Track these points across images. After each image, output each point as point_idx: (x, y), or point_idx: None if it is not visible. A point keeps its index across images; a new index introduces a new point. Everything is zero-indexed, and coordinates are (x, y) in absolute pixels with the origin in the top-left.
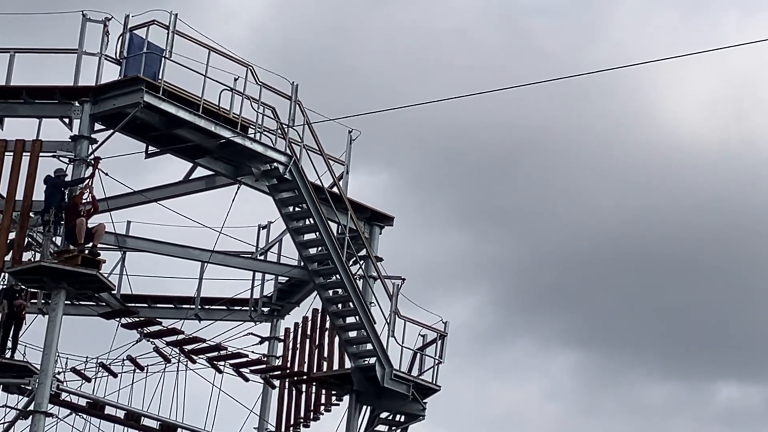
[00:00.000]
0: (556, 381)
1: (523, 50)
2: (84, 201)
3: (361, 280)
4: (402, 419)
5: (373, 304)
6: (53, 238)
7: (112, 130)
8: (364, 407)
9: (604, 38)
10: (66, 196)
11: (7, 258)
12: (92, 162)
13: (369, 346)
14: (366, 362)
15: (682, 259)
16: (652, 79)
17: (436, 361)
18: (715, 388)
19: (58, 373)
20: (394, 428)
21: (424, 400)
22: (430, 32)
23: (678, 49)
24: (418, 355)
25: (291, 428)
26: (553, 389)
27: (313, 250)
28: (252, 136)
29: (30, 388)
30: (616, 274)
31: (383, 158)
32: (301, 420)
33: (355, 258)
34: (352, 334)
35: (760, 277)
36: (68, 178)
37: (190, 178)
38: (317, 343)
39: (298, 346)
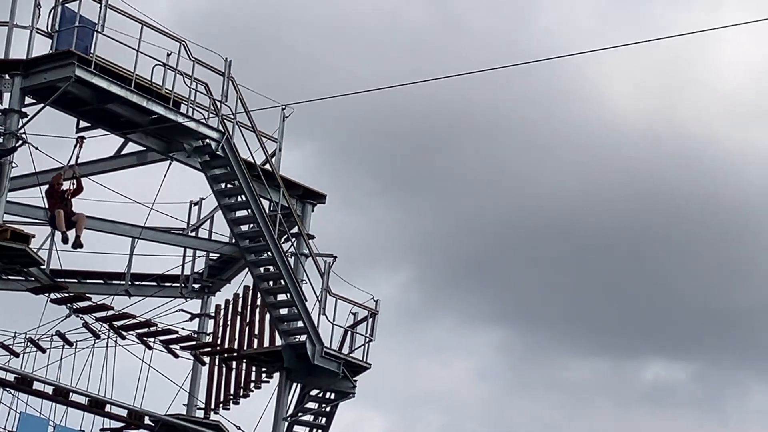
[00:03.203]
0: (483, 358)
1: (454, 29)
2: (63, 181)
3: (293, 258)
4: (332, 397)
5: (304, 282)
6: None
7: (42, 104)
8: (295, 384)
9: (536, 17)
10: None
11: None
12: (77, 140)
13: (300, 324)
14: (297, 340)
15: (608, 236)
16: (583, 58)
17: (367, 339)
18: (641, 366)
19: None
20: (323, 406)
21: (355, 378)
22: (361, 10)
23: (608, 29)
24: (349, 332)
25: (220, 405)
26: (480, 367)
27: (244, 227)
28: (184, 112)
29: None
30: (543, 251)
31: (315, 135)
32: (231, 397)
33: (286, 235)
34: (283, 311)
35: (686, 256)
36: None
37: (122, 153)
38: (248, 320)
39: (229, 323)
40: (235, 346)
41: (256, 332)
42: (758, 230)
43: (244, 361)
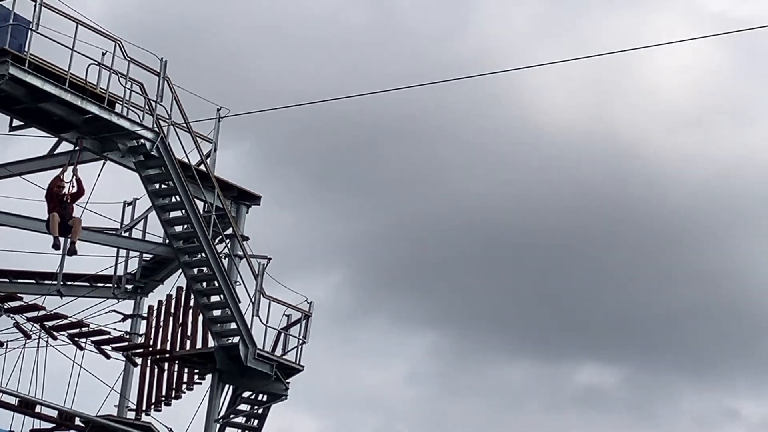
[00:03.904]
0: (414, 361)
1: (392, 31)
2: (63, 184)
3: (227, 259)
4: (264, 399)
5: (238, 283)
6: None
7: None
8: (227, 386)
9: (474, 20)
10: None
11: None
12: (76, 141)
13: (233, 325)
14: (229, 341)
15: (541, 240)
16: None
17: (300, 341)
18: (572, 369)
19: None
20: (256, 408)
21: (287, 380)
22: (299, 10)
23: (544, 33)
24: (282, 334)
25: (152, 406)
26: (412, 369)
27: (178, 228)
28: (119, 111)
29: None
30: (475, 254)
31: (250, 136)
32: (163, 398)
33: (221, 237)
34: (217, 312)
35: (617, 260)
36: None
37: (55, 152)
38: (181, 321)
39: (162, 324)
40: (168, 348)
41: (189, 334)
42: (688, 235)
43: (177, 362)
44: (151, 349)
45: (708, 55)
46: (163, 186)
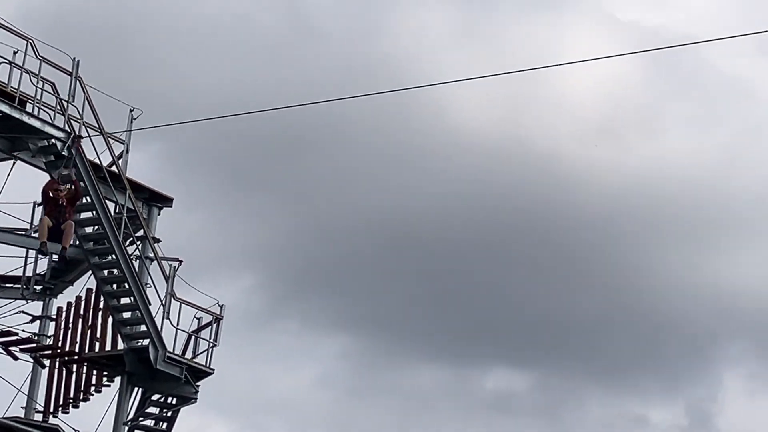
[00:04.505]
0: (325, 364)
1: (306, 32)
2: (60, 188)
3: (138, 261)
4: (174, 402)
5: (148, 286)
6: None
7: None
8: (136, 389)
9: (389, 22)
10: None
11: None
12: (73, 140)
13: (143, 328)
14: (139, 344)
15: (453, 246)
16: (435, 69)
17: (211, 344)
18: (482, 374)
19: None
20: (165, 411)
21: (197, 383)
22: (213, 11)
23: (459, 38)
24: (193, 337)
25: (60, 408)
26: (323, 373)
27: (89, 229)
28: (30, 111)
29: None
30: (386, 259)
31: (163, 137)
32: (71, 400)
33: (132, 238)
34: (127, 315)
35: (528, 267)
36: None
37: None
38: (90, 323)
39: (71, 325)
40: (77, 349)
41: (98, 335)
42: (599, 243)
43: (85, 364)
44: (59, 350)
45: (620, 66)
46: None
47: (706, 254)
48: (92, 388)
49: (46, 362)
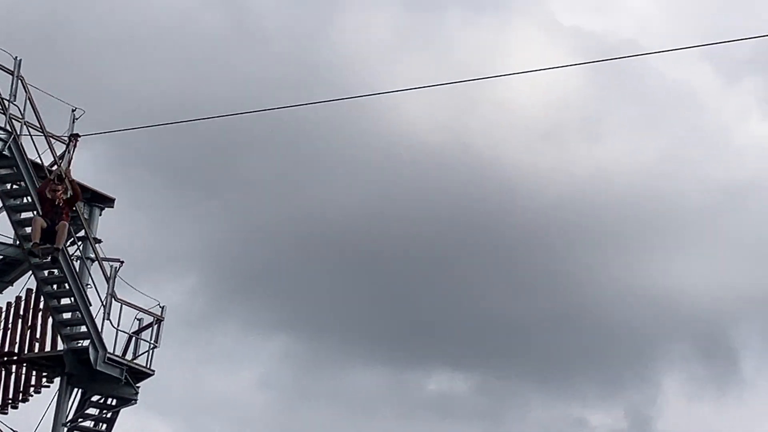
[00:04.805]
0: (267, 366)
1: (249, 33)
2: (58, 188)
3: (79, 262)
4: (113, 403)
5: (89, 286)
6: None
7: None
8: (76, 390)
9: (333, 24)
10: None
11: None
12: (70, 139)
13: (83, 329)
14: (79, 344)
15: (395, 247)
16: (380, 73)
17: (151, 345)
18: (424, 376)
19: None
20: (105, 412)
21: (137, 384)
22: (157, 11)
23: (402, 41)
24: (133, 338)
25: None
26: (265, 375)
27: (29, 229)
28: None
29: None
30: (329, 260)
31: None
32: (10, 401)
33: (73, 239)
34: (67, 315)
35: (470, 269)
36: None
37: None
38: (30, 323)
39: (10, 326)
40: (16, 350)
41: (38, 336)
42: (540, 247)
43: (25, 365)
44: None
45: (563, 70)
46: (14, 186)
47: (647, 259)
48: (31, 389)
49: None
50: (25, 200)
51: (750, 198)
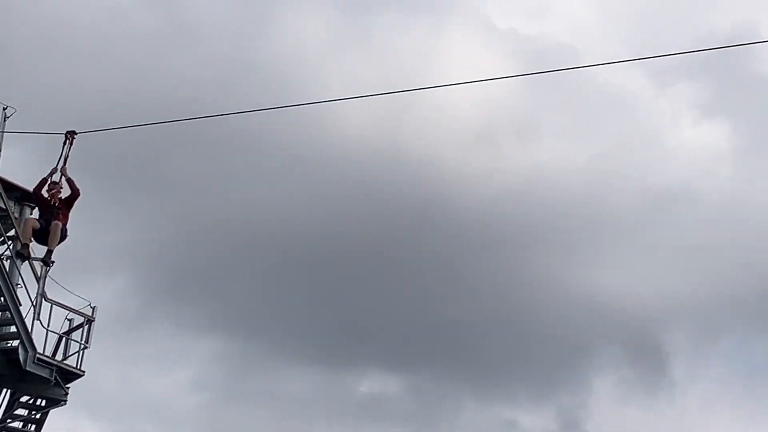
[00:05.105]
0: (199, 367)
1: (183, 33)
2: (56, 188)
3: (9, 261)
4: (43, 404)
5: (19, 286)
6: None
7: None
8: (5, 390)
9: (270, 24)
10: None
11: None
12: (66, 136)
13: (13, 329)
14: (8, 345)
15: (329, 249)
16: (311, 71)
17: (82, 346)
18: (357, 378)
19: None
20: (34, 413)
21: (67, 385)
22: (92, 10)
23: (338, 41)
24: (64, 339)
25: None
26: (196, 376)
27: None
28: None
29: None
30: (263, 262)
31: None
32: None
33: (3, 238)
34: None
35: (403, 270)
36: None
37: None
38: None
39: None
40: None
41: None
42: (472, 250)
43: None
44: None
45: (498, 72)
46: None
47: (579, 262)
48: None
49: None
50: None
51: (681, 202)
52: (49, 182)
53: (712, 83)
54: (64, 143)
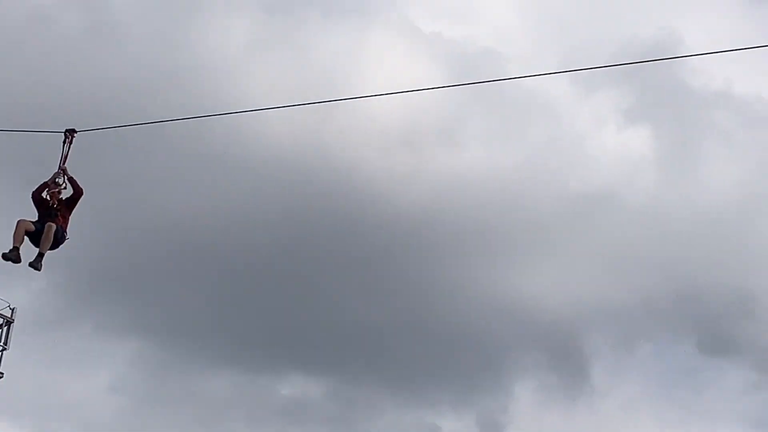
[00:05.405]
0: (118, 370)
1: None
2: (57, 189)
3: None
4: None
5: None
6: None
7: None
8: None
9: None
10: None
11: None
12: (65, 134)
13: None
14: None
15: (248, 254)
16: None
17: (1, 348)
18: (277, 381)
19: None
20: None
21: None
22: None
23: (261, 43)
24: None
25: None
26: (116, 378)
27: None
28: None
29: None
30: (181, 265)
31: None
32: None
33: None
34: None
35: (325, 275)
36: None
37: None
38: None
39: None
40: None
41: None
42: (395, 254)
43: None
44: None
45: (422, 76)
46: None
47: (501, 267)
48: None
49: None
50: None
51: (603, 208)
52: (50, 185)
53: (635, 90)
54: (64, 142)
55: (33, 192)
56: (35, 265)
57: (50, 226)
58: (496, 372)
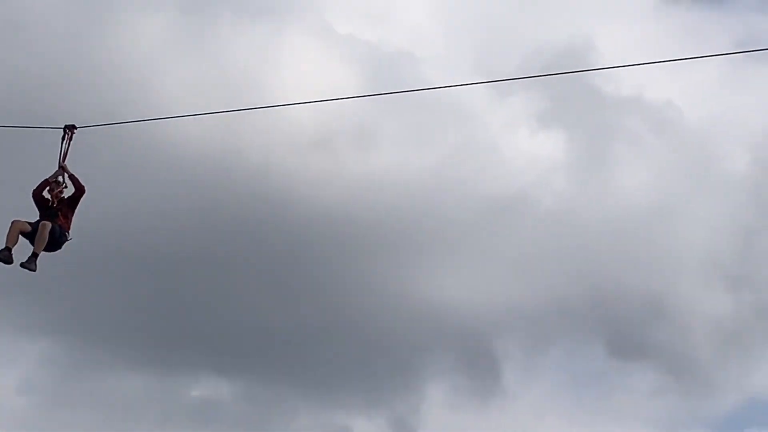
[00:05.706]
0: (25, 370)
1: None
2: (59, 188)
3: None
4: None
5: None
6: None
7: None
8: None
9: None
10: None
11: None
12: (64, 131)
13: None
14: None
15: (164, 252)
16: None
17: None
18: (187, 382)
19: None
20: None
21: None
22: None
23: (175, 43)
24: None
25: None
26: (23, 379)
27: None
28: None
29: None
30: (91, 262)
31: None
32: None
33: None
34: None
35: (238, 274)
36: None
37: None
38: None
39: None
40: None
41: None
42: (308, 256)
43: None
44: None
45: (337, 77)
46: None
47: (413, 269)
48: None
49: None
50: None
51: (516, 212)
52: (51, 183)
53: (549, 94)
54: (63, 138)
55: (33, 191)
56: (28, 265)
57: (44, 225)
58: (407, 373)
